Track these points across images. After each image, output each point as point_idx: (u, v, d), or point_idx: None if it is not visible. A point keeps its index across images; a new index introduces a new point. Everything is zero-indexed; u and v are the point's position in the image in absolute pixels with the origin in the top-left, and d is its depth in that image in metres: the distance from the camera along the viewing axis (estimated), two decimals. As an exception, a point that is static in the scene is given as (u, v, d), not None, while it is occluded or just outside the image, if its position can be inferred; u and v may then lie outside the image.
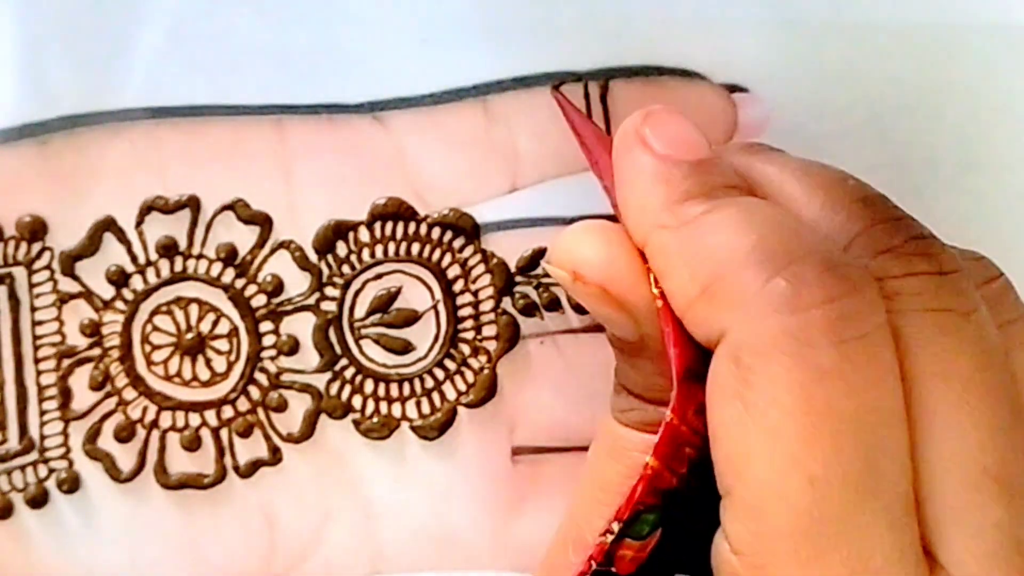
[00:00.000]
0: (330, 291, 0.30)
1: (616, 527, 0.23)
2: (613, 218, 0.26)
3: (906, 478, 0.22)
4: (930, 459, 0.22)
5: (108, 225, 0.29)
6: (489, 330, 0.30)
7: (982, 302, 0.23)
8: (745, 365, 0.22)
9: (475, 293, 0.30)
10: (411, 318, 0.30)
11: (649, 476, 0.23)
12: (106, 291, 0.29)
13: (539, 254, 0.30)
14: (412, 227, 0.30)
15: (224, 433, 0.30)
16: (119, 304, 0.29)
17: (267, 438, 0.30)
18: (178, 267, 0.30)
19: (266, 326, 0.30)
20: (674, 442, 0.23)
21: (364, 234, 0.30)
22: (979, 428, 0.22)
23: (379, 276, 0.30)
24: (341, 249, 0.30)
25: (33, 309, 0.29)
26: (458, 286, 0.30)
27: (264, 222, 0.30)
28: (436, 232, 0.30)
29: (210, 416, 0.30)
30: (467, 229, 0.30)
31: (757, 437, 0.21)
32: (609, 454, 0.26)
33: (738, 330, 0.22)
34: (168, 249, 0.29)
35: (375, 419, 0.30)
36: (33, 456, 0.29)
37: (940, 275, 0.23)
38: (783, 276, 0.22)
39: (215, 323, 0.30)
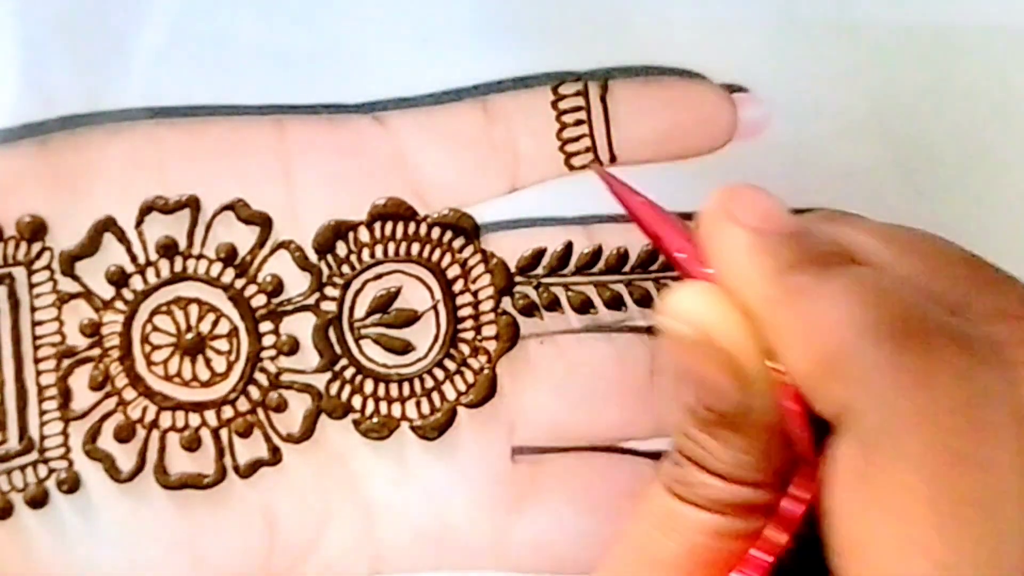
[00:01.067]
0: (330, 291, 0.30)
1: None
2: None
3: None
4: None
5: (108, 225, 0.29)
6: (489, 330, 0.30)
7: None
8: (872, 445, 0.21)
9: (475, 293, 0.30)
10: (411, 318, 0.30)
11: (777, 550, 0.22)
12: (106, 291, 0.29)
13: (539, 254, 0.30)
14: (412, 227, 0.30)
15: (224, 433, 0.30)
16: (119, 304, 0.30)
17: (267, 438, 0.30)
18: (178, 267, 0.30)
19: (266, 326, 0.30)
20: (794, 521, 0.22)
21: (364, 234, 0.30)
22: None
23: (379, 276, 0.30)
24: (341, 249, 0.30)
25: (33, 309, 0.29)
26: (458, 286, 0.30)
27: (264, 222, 0.30)
28: (436, 232, 0.30)
29: (210, 416, 0.30)
30: (467, 229, 0.30)
31: (883, 520, 0.20)
32: (661, 529, 0.24)
33: (863, 407, 0.21)
34: (168, 249, 0.29)
35: (375, 419, 0.30)
36: (33, 456, 0.29)
37: None
38: (911, 352, 0.21)
39: (215, 323, 0.30)
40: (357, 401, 0.30)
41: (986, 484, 0.20)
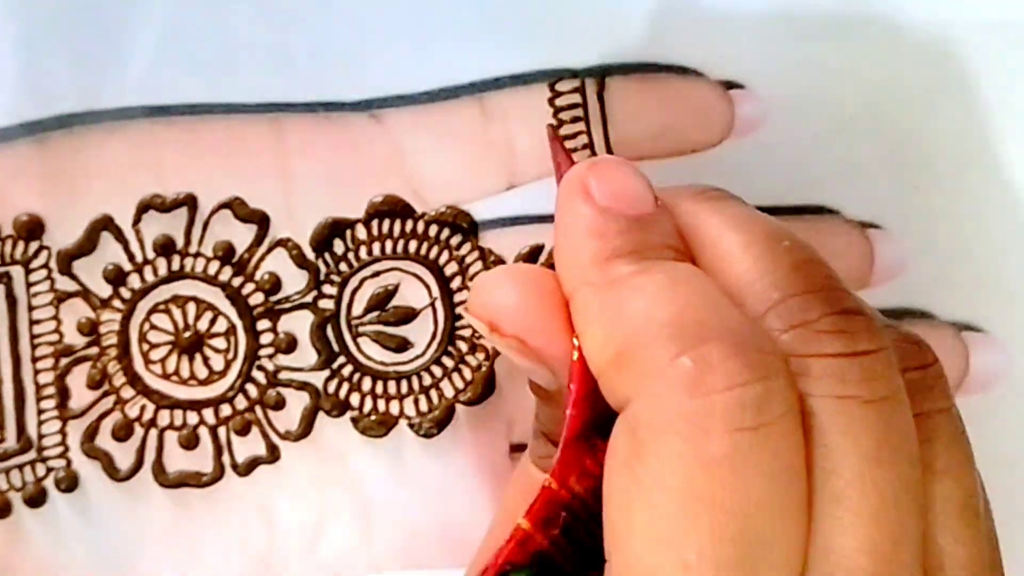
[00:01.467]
0: (327, 289, 0.30)
1: None
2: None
3: (790, 570, 0.21)
4: (815, 553, 0.21)
5: (105, 224, 0.29)
6: (487, 327, 0.30)
7: (901, 389, 0.22)
8: (639, 439, 0.21)
9: (473, 290, 0.30)
10: (409, 315, 0.30)
11: (519, 538, 0.23)
12: (103, 290, 0.29)
13: (536, 251, 0.30)
14: (409, 224, 0.30)
15: (222, 431, 0.30)
16: (116, 303, 0.29)
17: (265, 436, 0.30)
18: (175, 265, 0.30)
19: (264, 324, 0.30)
20: (551, 506, 0.23)
21: (361, 232, 0.30)
22: (857, 525, 0.21)
23: (376, 274, 0.30)
24: (338, 247, 0.30)
25: (31, 308, 0.29)
26: (456, 283, 0.30)
27: (261, 220, 0.30)
28: (433, 229, 0.30)
29: (208, 414, 0.30)
30: (464, 226, 0.30)
31: (640, 513, 0.21)
32: (523, 496, 0.25)
33: (639, 403, 0.21)
34: (165, 247, 0.29)
35: (373, 417, 0.30)
36: (31, 455, 0.29)
37: (849, 357, 0.22)
38: (690, 355, 0.21)
39: (213, 321, 0.30)
40: (355, 399, 0.30)
41: (739, 491, 0.21)
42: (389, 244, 0.30)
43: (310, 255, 0.30)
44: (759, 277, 0.23)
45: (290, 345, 0.30)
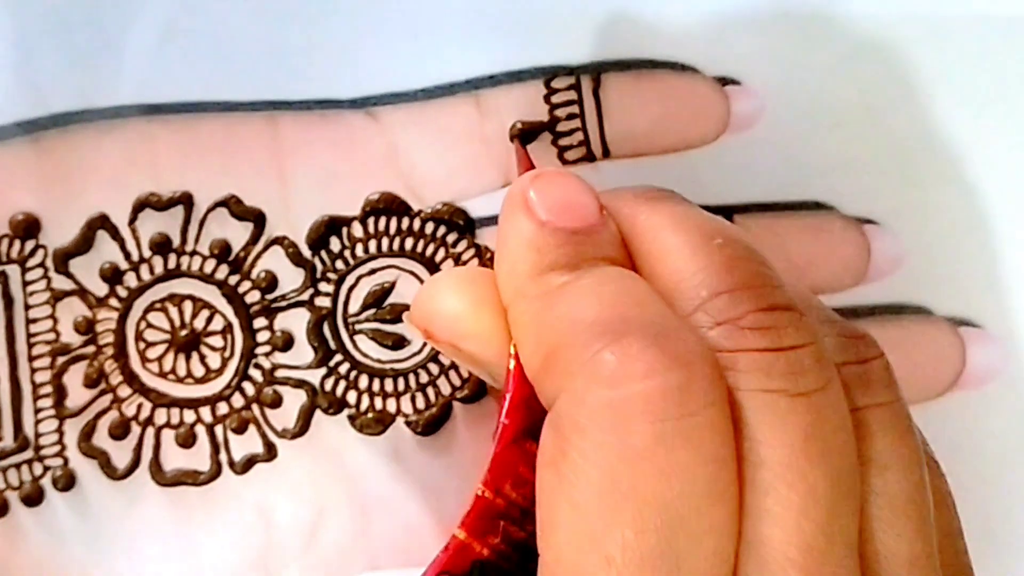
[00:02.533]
0: (324, 287, 0.30)
1: None
2: None
3: (722, 562, 0.21)
4: (745, 546, 0.21)
5: (101, 222, 0.29)
6: (483, 325, 0.30)
7: (834, 382, 0.22)
8: (563, 435, 0.21)
9: (469, 288, 0.30)
10: (405, 313, 0.30)
11: (455, 548, 0.23)
12: (100, 288, 0.29)
13: None
14: (405, 222, 0.30)
15: (219, 430, 0.30)
16: (113, 301, 0.29)
17: (262, 434, 0.30)
18: (172, 264, 0.30)
19: (260, 322, 0.30)
20: (486, 515, 0.23)
21: (357, 229, 0.30)
22: (787, 517, 0.21)
23: (373, 271, 0.30)
24: (334, 244, 0.30)
25: (27, 307, 0.29)
26: (452, 281, 0.30)
27: (257, 218, 0.30)
28: (430, 227, 0.30)
29: (205, 413, 0.30)
30: (461, 224, 0.30)
31: (564, 509, 0.21)
32: None
33: (563, 399, 0.22)
34: (161, 246, 0.29)
35: (370, 414, 0.30)
36: (28, 454, 0.29)
37: (775, 352, 0.22)
38: (611, 349, 0.21)
39: (209, 320, 0.30)
40: (352, 396, 0.30)
41: (662, 483, 0.21)
42: (385, 242, 0.30)
43: (306, 253, 0.30)
44: (690, 276, 0.23)
45: (287, 343, 0.30)
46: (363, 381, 0.30)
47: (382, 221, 0.30)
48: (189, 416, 0.30)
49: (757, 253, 0.24)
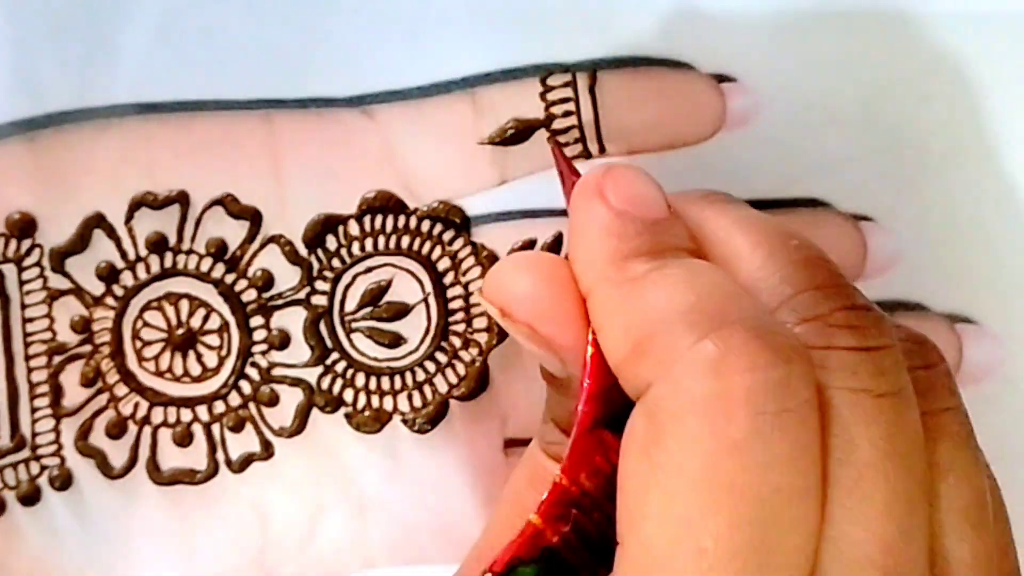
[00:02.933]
0: (320, 285, 0.30)
1: None
2: None
3: (805, 558, 0.21)
4: (826, 543, 0.21)
5: (98, 221, 0.29)
6: (480, 322, 0.30)
7: (908, 386, 0.23)
8: (659, 423, 0.21)
9: (466, 286, 0.30)
10: (402, 311, 0.30)
11: (530, 533, 0.23)
12: (96, 287, 0.29)
13: (529, 246, 0.30)
14: (402, 220, 0.30)
15: (216, 428, 0.30)
16: (109, 300, 0.29)
17: (259, 433, 0.30)
18: (168, 263, 0.30)
19: (256, 321, 0.30)
20: (562, 502, 0.23)
21: (354, 227, 0.30)
22: (869, 516, 0.21)
23: (369, 269, 0.30)
24: (331, 243, 0.30)
25: (23, 306, 0.29)
26: (448, 279, 0.30)
27: (254, 216, 0.30)
28: (426, 225, 0.30)
29: (202, 411, 0.30)
30: (457, 222, 0.30)
31: (657, 497, 0.21)
32: (530, 482, 0.26)
33: (659, 387, 0.21)
34: (158, 245, 0.29)
35: (367, 413, 0.30)
36: (25, 453, 0.29)
37: (861, 351, 0.22)
38: (711, 339, 0.21)
39: (206, 318, 0.30)
40: (349, 395, 0.30)
41: (759, 476, 0.21)
42: (382, 240, 0.30)
43: (303, 251, 0.30)
44: (770, 274, 0.23)
45: (283, 341, 0.30)
46: (360, 379, 0.30)
47: (378, 219, 0.30)
48: (186, 415, 0.30)
49: (829, 256, 0.24)
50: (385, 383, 0.30)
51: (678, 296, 0.22)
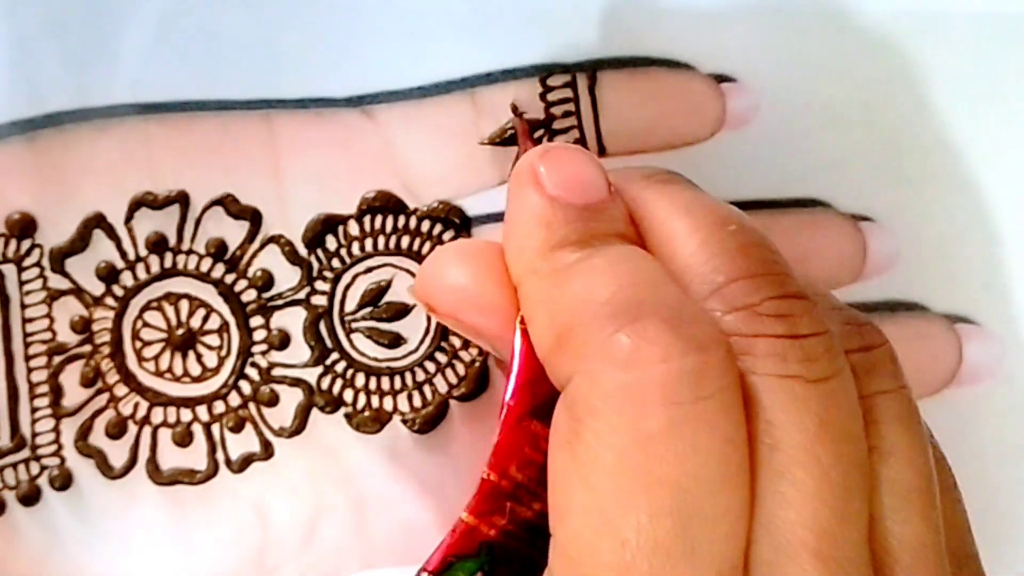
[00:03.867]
0: (320, 285, 0.30)
1: None
2: None
3: (733, 544, 0.21)
4: (758, 527, 0.21)
5: (97, 221, 0.29)
6: (480, 322, 0.30)
7: (845, 370, 0.23)
8: (577, 417, 0.21)
9: (465, 286, 0.30)
10: (402, 311, 0.30)
11: (462, 531, 0.23)
12: (96, 287, 0.29)
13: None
14: (402, 220, 0.30)
15: (216, 428, 0.30)
16: (109, 300, 0.29)
17: (259, 433, 0.30)
18: (168, 263, 0.30)
19: (256, 321, 0.30)
20: (492, 497, 0.23)
21: (354, 228, 0.30)
22: (801, 501, 0.21)
23: (369, 270, 0.30)
24: (331, 243, 0.30)
25: (23, 306, 0.29)
26: (448, 279, 0.30)
27: (253, 217, 0.30)
28: (426, 225, 0.30)
29: (201, 411, 0.30)
30: (457, 222, 0.30)
31: (578, 492, 0.21)
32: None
33: (577, 381, 0.21)
34: (158, 245, 0.29)
35: (367, 413, 0.30)
36: (24, 454, 0.29)
37: (791, 339, 0.22)
38: (626, 331, 0.21)
39: (205, 318, 0.30)
40: (349, 395, 0.30)
41: (677, 466, 0.21)
42: (382, 240, 0.30)
43: (303, 251, 0.30)
44: (704, 260, 0.23)
45: (283, 342, 0.30)
46: (360, 379, 0.30)
47: (378, 219, 0.30)
48: (186, 415, 0.30)
49: (768, 240, 0.24)
50: (385, 383, 0.30)
51: (598, 287, 0.22)
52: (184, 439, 0.30)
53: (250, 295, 0.30)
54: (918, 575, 0.22)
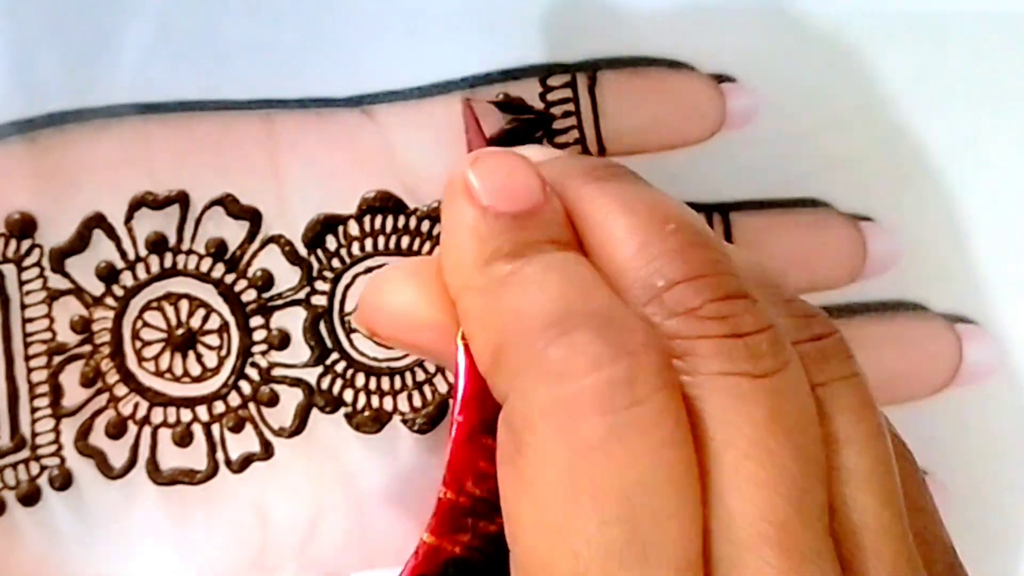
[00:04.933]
0: (320, 285, 0.30)
1: None
2: None
3: (689, 543, 0.21)
4: (716, 523, 0.21)
5: (97, 221, 0.29)
6: (480, 323, 0.30)
7: (793, 362, 0.22)
8: (516, 433, 0.21)
9: (465, 286, 0.30)
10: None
11: (425, 552, 0.23)
12: (96, 287, 0.29)
13: None
14: (401, 220, 0.30)
15: (216, 428, 0.30)
16: (109, 300, 0.29)
17: (259, 433, 0.30)
18: (168, 263, 0.30)
19: (256, 321, 0.30)
20: (452, 515, 0.23)
21: (353, 228, 0.30)
22: (758, 494, 0.21)
23: (369, 270, 0.30)
24: (331, 243, 0.30)
25: (23, 306, 0.29)
26: (448, 279, 0.30)
27: (253, 217, 0.30)
28: (426, 225, 0.30)
29: (201, 411, 0.30)
30: (457, 222, 0.30)
31: (527, 506, 0.21)
32: None
33: (513, 398, 0.21)
34: (157, 245, 0.29)
35: (367, 413, 0.30)
36: (24, 454, 0.29)
37: (734, 338, 0.22)
38: (556, 344, 0.21)
39: (205, 318, 0.30)
40: (349, 395, 0.30)
41: (620, 474, 0.21)
42: (382, 240, 0.30)
43: (302, 251, 0.30)
44: (643, 265, 0.23)
45: (283, 342, 0.30)
46: (360, 379, 0.30)
47: (378, 219, 0.30)
48: (186, 415, 0.30)
49: (709, 236, 0.23)
50: (385, 383, 0.30)
51: (528, 301, 0.22)
52: (184, 439, 0.30)
53: (250, 295, 0.30)
54: (884, 559, 0.22)
